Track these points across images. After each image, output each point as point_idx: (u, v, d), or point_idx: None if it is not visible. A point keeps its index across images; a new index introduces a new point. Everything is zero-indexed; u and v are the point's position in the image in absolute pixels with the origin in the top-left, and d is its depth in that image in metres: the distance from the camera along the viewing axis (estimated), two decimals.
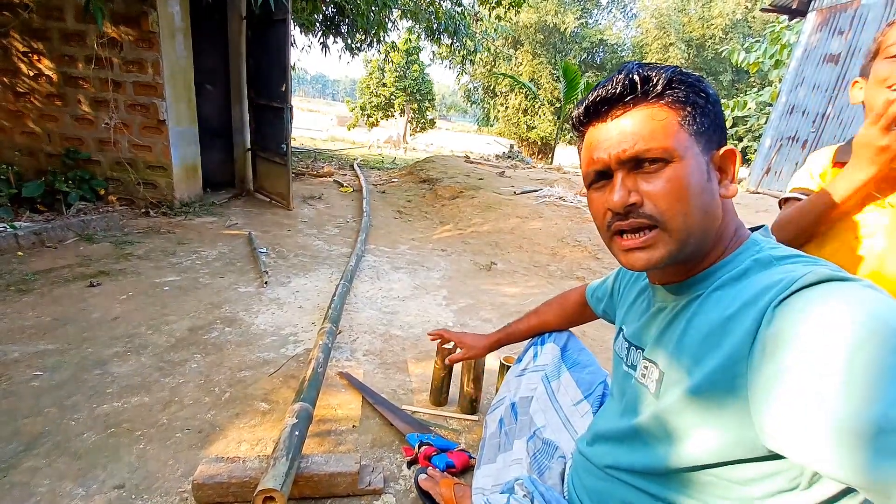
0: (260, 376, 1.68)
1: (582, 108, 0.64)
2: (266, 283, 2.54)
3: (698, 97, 0.59)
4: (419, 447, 1.31)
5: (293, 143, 6.59)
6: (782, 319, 0.47)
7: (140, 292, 2.28)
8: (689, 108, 0.58)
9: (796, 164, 7.90)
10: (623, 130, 0.59)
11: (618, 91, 0.59)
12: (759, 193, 7.92)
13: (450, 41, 8.15)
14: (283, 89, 4.06)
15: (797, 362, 0.44)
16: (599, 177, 0.63)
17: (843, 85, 7.24)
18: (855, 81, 0.88)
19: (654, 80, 0.58)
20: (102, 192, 3.65)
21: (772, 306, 0.49)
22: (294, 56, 7.73)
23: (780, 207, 1.02)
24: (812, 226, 0.90)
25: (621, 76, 0.59)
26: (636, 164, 0.59)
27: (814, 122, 7.69)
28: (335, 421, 1.47)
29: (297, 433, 1.16)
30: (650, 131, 0.57)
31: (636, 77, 0.58)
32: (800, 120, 7.99)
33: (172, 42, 3.57)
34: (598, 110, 0.62)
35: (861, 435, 0.39)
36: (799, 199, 0.96)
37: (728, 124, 13.22)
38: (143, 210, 3.67)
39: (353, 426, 1.45)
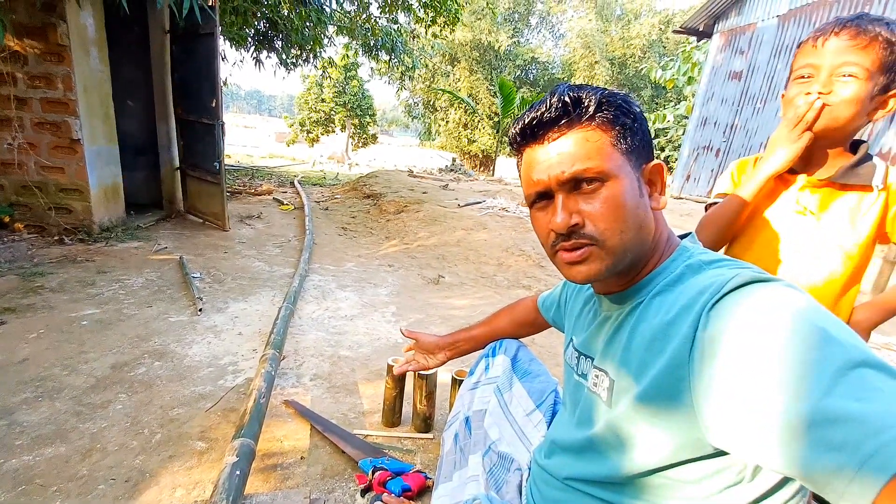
0: (195, 413, 1.55)
1: (518, 129, 0.66)
2: (200, 310, 2.38)
3: (626, 117, 0.62)
4: (373, 473, 1.26)
5: (228, 161, 6.29)
6: (716, 322, 0.50)
7: (53, 329, 2.05)
8: (618, 128, 0.61)
9: (712, 170, 8.63)
10: (560, 153, 0.61)
11: (552, 115, 0.61)
12: (681, 199, 8.57)
13: (388, 57, 8.18)
14: (214, 105, 3.87)
15: (731, 363, 0.47)
16: (541, 197, 0.65)
17: (746, 99, 8.04)
18: (783, 94, 0.97)
19: (585, 103, 0.61)
20: (7, 219, 3.27)
21: (706, 310, 0.51)
22: (225, 71, 7.42)
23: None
24: (729, 223, 0.99)
25: (554, 99, 0.61)
26: (575, 184, 0.61)
27: (724, 132, 8.46)
28: (281, 454, 1.38)
29: (238, 472, 1.08)
30: (585, 153, 0.60)
31: (568, 99, 0.61)
32: (712, 131, 8.76)
33: (86, 56, 3.31)
34: (533, 133, 0.64)
35: (794, 430, 0.41)
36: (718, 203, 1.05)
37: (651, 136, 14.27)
38: (56, 238, 3.33)
39: (302, 457, 1.37)
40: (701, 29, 9.18)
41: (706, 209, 1.09)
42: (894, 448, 0.35)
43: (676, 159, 11.08)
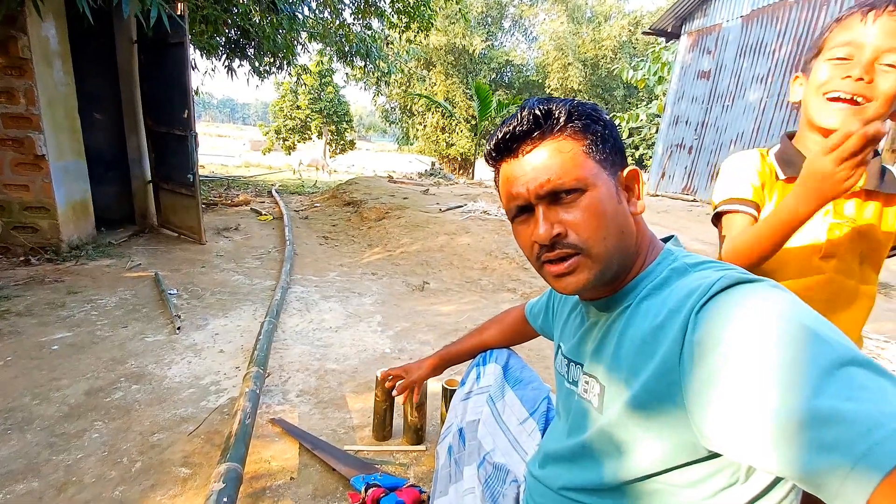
0: (177, 437, 1.50)
1: (492, 145, 0.66)
2: (179, 328, 2.30)
3: (597, 125, 0.63)
4: (366, 490, 1.23)
5: (202, 172, 6.15)
6: (705, 324, 0.50)
7: (21, 356, 1.95)
8: (590, 136, 0.62)
9: (685, 167, 8.85)
10: (535, 165, 0.62)
11: (524, 128, 0.62)
12: (657, 196, 8.74)
13: (363, 63, 8.14)
14: (186, 115, 3.78)
15: (721, 366, 0.47)
16: (521, 211, 0.65)
17: (715, 97, 8.28)
18: (795, 77, 0.86)
19: (556, 114, 0.61)
20: None
21: (694, 313, 0.51)
22: (197, 80, 7.26)
23: (714, 222, 0.94)
24: (766, 256, 0.79)
25: (525, 113, 0.62)
26: (554, 196, 0.61)
27: (696, 129, 8.69)
28: (270, 476, 1.34)
29: (225, 499, 1.04)
30: (560, 164, 0.60)
31: (538, 112, 0.61)
32: (684, 129, 8.99)
33: (49, 69, 3.18)
34: (508, 147, 0.64)
35: (786, 431, 0.41)
36: (735, 210, 0.87)
37: (625, 135, 14.63)
38: (21, 258, 3.18)
39: (291, 478, 1.33)
40: (669, 30, 9.43)
41: (714, 221, 0.93)
42: (886, 446, 0.36)
43: (651, 157, 11.33)
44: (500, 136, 0.64)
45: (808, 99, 0.81)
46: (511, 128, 0.63)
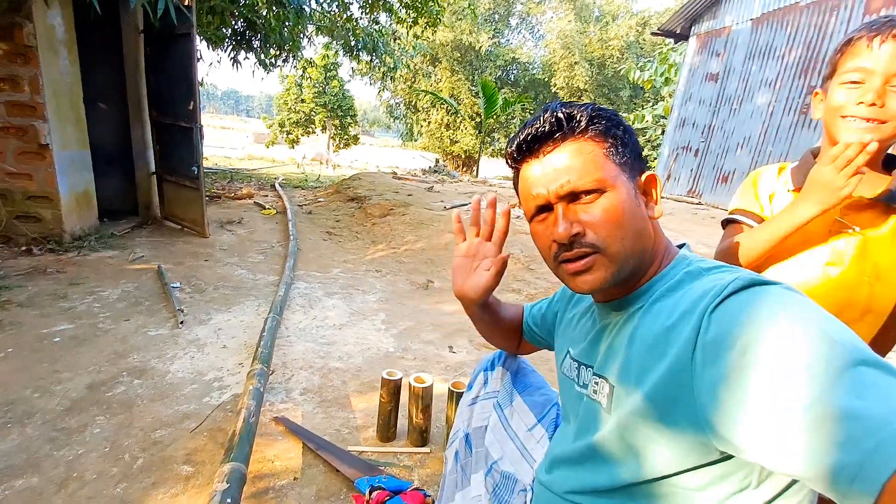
0: (180, 434, 1.48)
1: (514, 147, 0.68)
2: (182, 322, 2.29)
3: (617, 129, 0.64)
4: (370, 493, 1.21)
5: (205, 164, 6.14)
6: (718, 325, 0.50)
7: (23, 348, 1.93)
8: (611, 140, 0.63)
9: (691, 170, 8.80)
10: (557, 166, 0.63)
11: (546, 129, 0.63)
12: (663, 198, 8.70)
13: (369, 58, 8.10)
14: (191, 107, 3.75)
15: (733, 366, 0.47)
16: (540, 210, 0.66)
17: (723, 100, 8.22)
18: (815, 93, 0.88)
19: (578, 117, 0.63)
20: None
21: (707, 313, 0.51)
22: (202, 71, 7.21)
23: (724, 227, 0.99)
24: (759, 257, 0.87)
25: (547, 115, 0.64)
26: (573, 196, 0.62)
27: (702, 132, 8.63)
28: (273, 475, 1.33)
29: (229, 500, 1.02)
30: (581, 165, 0.62)
31: (561, 115, 0.63)
32: (691, 131, 8.94)
33: (54, 57, 3.16)
34: (530, 148, 0.66)
35: (797, 429, 0.41)
36: (740, 221, 0.94)
37: None
38: (23, 248, 3.17)
39: (295, 478, 1.32)
40: (678, 31, 9.35)
41: (723, 224, 0.99)
42: (894, 443, 0.36)
43: (655, 158, 11.28)
44: (521, 138, 0.66)
45: (828, 119, 0.84)
46: (533, 129, 0.64)
